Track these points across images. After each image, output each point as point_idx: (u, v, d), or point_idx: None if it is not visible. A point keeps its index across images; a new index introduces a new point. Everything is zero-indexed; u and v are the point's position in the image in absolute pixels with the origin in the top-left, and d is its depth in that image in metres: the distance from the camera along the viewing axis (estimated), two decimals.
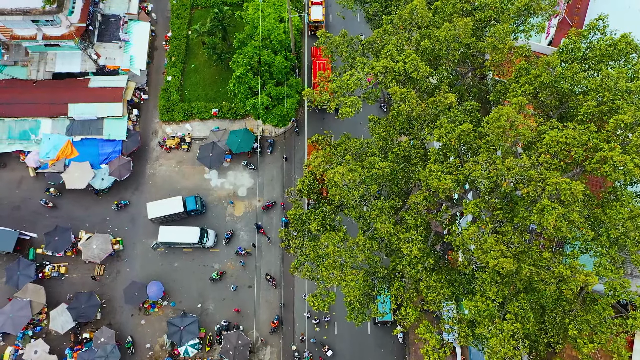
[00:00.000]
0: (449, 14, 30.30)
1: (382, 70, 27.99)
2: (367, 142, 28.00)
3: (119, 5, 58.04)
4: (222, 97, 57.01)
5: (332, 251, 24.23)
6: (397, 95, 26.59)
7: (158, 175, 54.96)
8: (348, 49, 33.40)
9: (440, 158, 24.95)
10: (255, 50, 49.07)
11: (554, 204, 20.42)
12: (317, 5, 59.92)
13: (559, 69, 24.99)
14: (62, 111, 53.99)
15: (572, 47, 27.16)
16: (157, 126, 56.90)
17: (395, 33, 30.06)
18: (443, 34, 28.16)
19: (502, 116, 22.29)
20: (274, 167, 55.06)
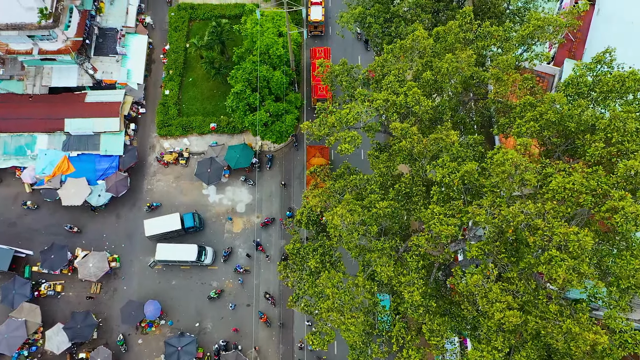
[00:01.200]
0: (450, 43, 29.68)
1: (382, 103, 27.36)
2: (367, 178, 27.37)
3: (116, 19, 57.42)
4: (220, 111, 56.39)
5: (332, 292, 23.60)
6: (398, 131, 25.97)
7: (156, 190, 54.30)
8: (348, 78, 32.81)
9: (443, 197, 24.32)
10: (254, 65, 48.49)
11: (563, 255, 19.79)
12: (316, 6, 59.58)
13: (565, 107, 24.33)
14: (58, 126, 53.33)
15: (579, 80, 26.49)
16: (154, 141, 56.26)
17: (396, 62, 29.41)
18: (445, 66, 27.56)
19: (506, 160, 21.68)
20: (273, 182, 54.43)
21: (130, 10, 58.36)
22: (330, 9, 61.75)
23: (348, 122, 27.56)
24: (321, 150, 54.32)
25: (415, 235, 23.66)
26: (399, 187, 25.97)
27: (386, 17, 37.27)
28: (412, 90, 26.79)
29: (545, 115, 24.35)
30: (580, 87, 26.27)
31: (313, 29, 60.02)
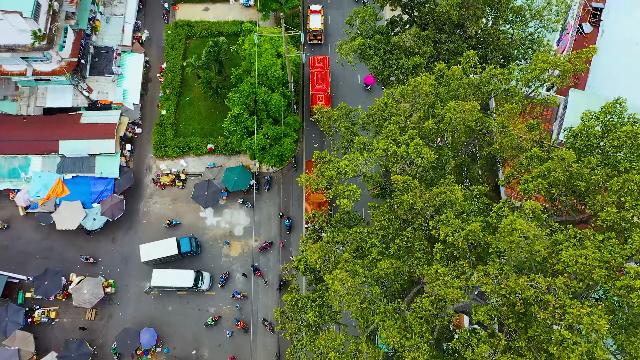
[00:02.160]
0: (454, 90, 28.70)
1: (382, 153, 26.42)
2: (367, 231, 26.38)
3: (112, 37, 56.47)
4: (218, 132, 55.49)
5: (333, 357, 22.64)
6: (399, 184, 25.06)
7: (152, 213, 53.35)
8: (347, 122, 31.86)
9: (447, 255, 23.38)
10: (252, 88, 47.61)
11: (576, 338, 18.84)
12: (316, 14, 58.95)
13: (574, 165, 23.31)
14: (52, 148, 52.38)
15: (588, 132, 25.49)
16: (151, 162, 55.32)
17: (397, 106, 28.46)
18: (449, 116, 26.59)
19: (515, 230, 20.73)
20: (272, 204, 53.49)
21: (127, 29, 57.41)
22: (330, 18, 61.01)
23: (347, 174, 26.66)
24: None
25: (419, 297, 22.69)
26: (400, 241, 25.04)
27: (386, 49, 36.37)
28: (414, 140, 25.83)
29: (553, 173, 23.41)
30: (590, 138, 25.37)
31: (312, 37, 59.37)
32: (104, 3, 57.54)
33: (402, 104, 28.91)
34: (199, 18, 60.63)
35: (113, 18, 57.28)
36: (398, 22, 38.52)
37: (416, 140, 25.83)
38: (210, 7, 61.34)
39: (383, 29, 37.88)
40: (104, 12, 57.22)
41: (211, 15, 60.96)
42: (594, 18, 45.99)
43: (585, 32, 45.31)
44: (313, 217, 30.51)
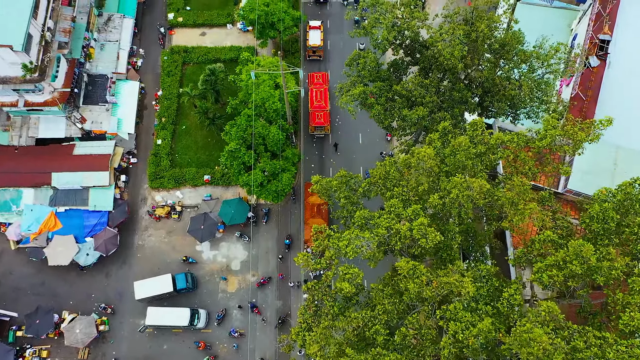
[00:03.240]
0: (461, 161, 27.34)
1: (385, 232, 25.07)
2: (370, 316, 24.96)
3: (107, 64, 55.17)
4: (214, 162, 54.16)
5: None
6: (404, 270, 23.69)
7: (147, 246, 51.99)
8: (347, 192, 30.49)
9: (456, 352, 21.96)
10: (249, 121, 46.29)
11: None
12: (315, 30, 57.94)
13: (593, 258, 21.83)
14: (45, 180, 51.03)
15: (605, 215, 24.11)
16: (146, 193, 53.97)
17: (400, 179, 27.10)
18: (455, 192, 25.21)
19: (532, 340, 19.36)
20: (270, 237, 52.13)
21: (121, 55, 56.14)
22: (330, 33, 59.96)
23: (347, 255, 25.34)
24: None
25: None
26: (405, 330, 23.59)
27: (388, 96, 35.02)
28: (419, 220, 24.44)
29: (569, 264, 22.06)
30: (608, 222, 24.02)
31: (312, 53, 58.30)
32: (98, 29, 56.29)
33: (406, 176, 27.59)
34: (196, 43, 59.33)
35: (108, 45, 56.01)
36: (400, 64, 37.21)
37: (421, 219, 24.42)
38: (207, 32, 60.08)
39: (384, 73, 36.55)
40: (98, 39, 55.95)
41: (208, 41, 59.69)
42: (600, 51, 44.68)
43: (592, 65, 43.98)
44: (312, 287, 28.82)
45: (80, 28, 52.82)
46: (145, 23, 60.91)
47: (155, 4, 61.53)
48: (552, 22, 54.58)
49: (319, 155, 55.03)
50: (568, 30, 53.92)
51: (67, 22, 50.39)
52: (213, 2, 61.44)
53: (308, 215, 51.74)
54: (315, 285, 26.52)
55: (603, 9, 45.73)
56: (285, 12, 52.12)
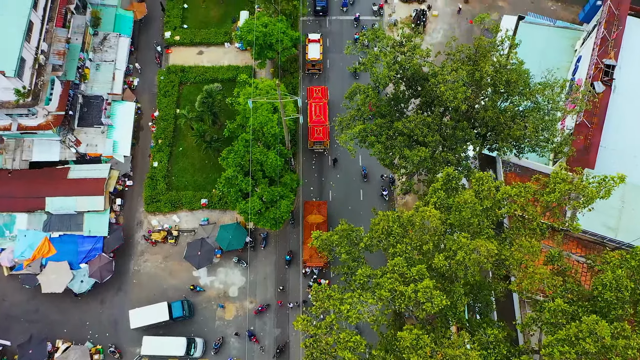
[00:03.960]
0: (466, 218, 26.38)
1: (388, 295, 24.07)
2: None
3: (102, 85, 54.17)
4: (212, 184, 53.16)
5: None
6: (407, 342, 22.67)
7: (143, 272, 50.99)
8: (348, 247, 29.50)
9: None
10: (246, 147, 45.32)
11: None
12: (314, 43, 57.13)
13: (608, 338, 20.69)
14: (39, 205, 50.03)
15: (619, 282, 23.05)
16: (142, 216, 52.97)
17: (404, 235, 26.07)
18: (461, 254, 24.27)
19: None
20: (268, 263, 51.14)
21: (117, 76, 55.12)
22: (329, 46, 59.13)
23: (349, 320, 24.36)
24: (319, 207, 51.51)
25: None
26: None
27: (389, 134, 34.07)
28: (424, 282, 23.43)
29: (582, 341, 21.06)
30: (622, 291, 22.97)
31: (311, 67, 57.50)
32: (93, 49, 55.30)
33: (410, 234, 26.54)
34: (193, 62, 58.37)
35: (103, 65, 55.02)
36: (401, 97, 36.25)
37: (426, 281, 23.42)
38: (204, 51, 59.12)
39: (384, 109, 35.56)
40: (93, 59, 54.97)
41: (205, 59, 58.73)
42: (605, 76, 43.73)
43: (597, 91, 43.02)
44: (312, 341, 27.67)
45: (75, 49, 51.94)
46: (142, 41, 59.97)
47: (151, 22, 60.58)
48: (555, 42, 53.75)
49: (318, 171, 54.24)
50: (571, 51, 53.06)
51: (62, 44, 49.50)
52: (210, 20, 60.53)
53: (307, 234, 50.83)
54: (313, 342, 25.55)
55: (608, 33, 44.78)
56: (283, 33, 51.17)
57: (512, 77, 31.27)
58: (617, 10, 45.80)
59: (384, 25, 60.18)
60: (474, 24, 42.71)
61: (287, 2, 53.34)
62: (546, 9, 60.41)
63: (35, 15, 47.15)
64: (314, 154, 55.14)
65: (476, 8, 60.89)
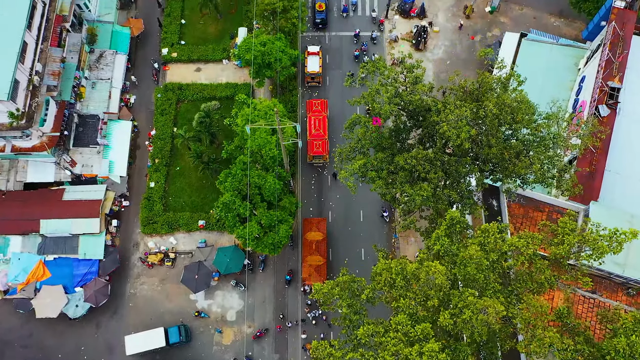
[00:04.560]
0: (472, 274, 25.46)
1: (392, 358, 23.13)
2: None
3: (98, 104, 53.30)
4: (209, 205, 52.35)
5: None
6: None
7: (139, 295, 50.10)
8: (350, 299, 28.55)
9: None
10: (244, 170, 44.48)
11: None
12: (313, 56, 56.47)
13: None
14: (33, 228, 49.12)
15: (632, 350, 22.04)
16: (138, 238, 52.09)
17: (407, 289, 25.14)
18: (468, 314, 23.35)
19: None
20: (266, 286, 50.27)
21: (114, 94, 54.28)
22: (329, 62, 58.36)
23: None
24: (318, 224, 50.72)
25: None
26: None
27: (390, 169, 33.18)
28: (429, 344, 22.52)
29: None
30: (635, 357, 22.12)
31: (310, 79, 56.80)
32: (89, 67, 54.45)
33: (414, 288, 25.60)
34: (190, 79, 57.51)
35: (99, 83, 54.16)
36: (402, 129, 35.34)
37: (432, 344, 22.50)
38: (202, 67, 58.26)
39: (386, 142, 34.65)
40: (89, 77, 54.10)
41: (203, 77, 57.87)
42: (610, 99, 42.89)
43: (602, 115, 42.17)
44: None
45: (70, 68, 51.06)
46: (139, 58, 59.12)
47: (148, 38, 59.73)
48: (558, 61, 52.94)
49: (317, 187, 53.61)
50: (575, 70, 52.22)
51: (57, 64, 48.61)
52: (208, 36, 59.68)
53: (306, 252, 50.07)
54: None
55: (613, 54, 43.95)
56: (282, 52, 50.32)
57: (517, 116, 30.39)
58: (622, 31, 45.00)
59: (384, 41, 59.32)
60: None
61: (285, 20, 52.45)
62: (549, 25, 59.58)
63: (29, 35, 46.31)
64: (313, 170, 54.32)
65: (477, 24, 60.06)
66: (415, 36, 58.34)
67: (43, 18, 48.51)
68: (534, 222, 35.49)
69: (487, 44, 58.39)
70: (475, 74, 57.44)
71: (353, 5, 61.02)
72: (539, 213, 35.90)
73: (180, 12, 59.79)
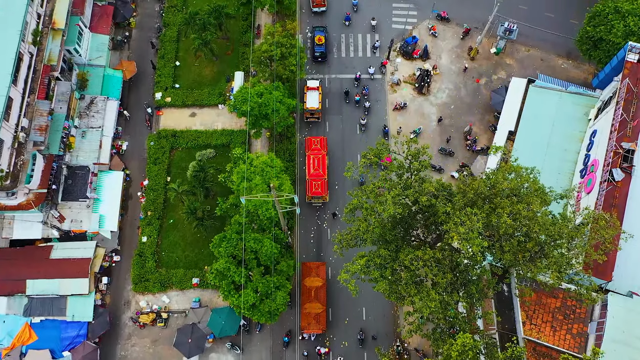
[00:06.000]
0: None
1: None
2: None
3: (88, 154, 51.16)
4: (204, 260, 50.25)
5: None
6: None
7: (130, 357, 47.94)
8: None
9: None
10: (239, 235, 42.37)
11: None
12: (313, 91, 54.44)
13: None
14: (19, 289, 46.95)
15: None
16: (129, 296, 49.92)
17: None
18: None
19: None
20: (263, 348, 48.06)
21: (105, 143, 52.12)
22: (328, 107, 56.51)
23: None
24: (317, 269, 48.65)
25: None
26: None
27: (393, 268, 30.99)
28: None
29: None
30: None
31: (309, 115, 54.90)
32: (79, 114, 52.36)
33: None
34: (185, 125, 55.37)
35: (90, 132, 52.05)
36: (406, 217, 33.15)
37: None
38: (197, 112, 56.16)
39: (389, 235, 32.48)
40: (79, 125, 52.00)
41: (198, 122, 55.74)
42: (625, 162, 40.75)
43: (616, 179, 40.03)
44: None
45: (59, 118, 49.04)
46: (131, 101, 57.01)
47: (142, 80, 57.63)
48: (567, 110, 50.89)
49: (317, 227, 51.75)
50: (585, 120, 50.12)
51: (44, 118, 46.58)
52: (204, 78, 57.60)
53: (305, 299, 47.99)
54: None
55: (627, 114, 41.83)
56: (280, 102, 48.22)
57: (532, 227, 28.13)
58: (636, 87, 42.89)
59: (385, 84, 57.25)
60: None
61: (283, 67, 50.37)
62: (557, 67, 57.53)
63: (15, 90, 44.25)
64: (313, 211, 52.22)
65: (482, 66, 57.99)
66: (418, 80, 56.27)
67: (30, 70, 46.56)
68: (547, 309, 33.37)
69: (492, 88, 56.30)
70: (480, 118, 55.54)
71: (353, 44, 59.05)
72: (552, 300, 33.76)
73: (174, 54, 57.73)
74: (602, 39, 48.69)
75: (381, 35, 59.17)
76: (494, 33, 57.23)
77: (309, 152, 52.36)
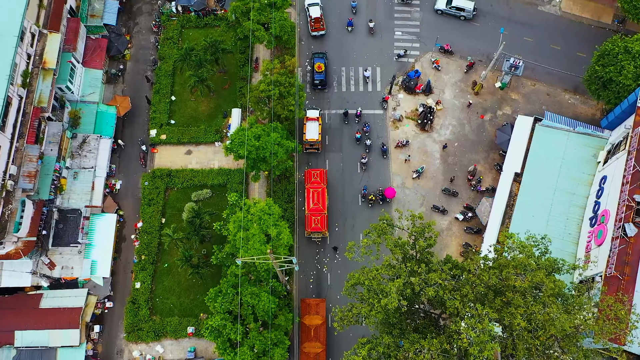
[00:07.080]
0: None
1: None
2: None
3: (80, 196, 49.52)
4: (199, 307, 48.54)
5: None
6: None
7: None
8: None
9: None
10: (235, 288, 40.71)
11: None
12: (312, 122, 52.88)
13: None
14: (7, 340, 45.28)
15: None
16: (122, 344, 48.22)
17: None
18: None
19: None
20: None
21: (97, 185, 50.47)
22: (328, 144, 54.96)
23: None
24: (317, 307, 47.03)
25: None
26: None
27: (398, 358, 29.10)
28: None
29: None
30: None
31: (309, 146, 53.41)
32: (71, 154, 50.71)
33: None
34: (180, 164, 53.67)
35: (82, 172, 50.40)
36: (409, 296, 31.35)
37: None
38: (193, 150, 54.47)
39: (393, 318, 30.74)
40: (71, 166, 50.36)
41: (194, 160, 54.03)
42: (637, 215, 39.07)
43: (629, 235, 38.35)
44: None
45: (49, 161, 47.38)
46: (126, 138, 55.30)
47: (136, 116, 55.96)
48: (575, 151, 49.23)
49: (317, 263, 50.24)
50: (593, 162, 48.43)
51: (33, 163, 44.85)
52: (200, 114, 55.93)
53: (304, 338, 46.34)
54: None
55: (639, 163, 40.14)
56: (278, 144, 46.53)
57: (549, 330, 26.43)
58: None
59: (387, 120, 55.55)
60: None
61: (282, 107, 48.75)
62: (563, 102, 55.83)
63: (2, 136, 42.67)
64: (313, 246, 50.69)
65: (487, 101, 56.29)
66: (421, 117, 54.58)
67: (19, 113, 44.95)
68: None
69: (497, 124, 54.64)
70: (485, 157, 53.80)
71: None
72: None
73: (169, 88, 56.08)
74: (611, 80, 47.01)
75: (382, 68, 57.53)
76: (499, 67, 55.57)
77: (309, 185, 50.81)
